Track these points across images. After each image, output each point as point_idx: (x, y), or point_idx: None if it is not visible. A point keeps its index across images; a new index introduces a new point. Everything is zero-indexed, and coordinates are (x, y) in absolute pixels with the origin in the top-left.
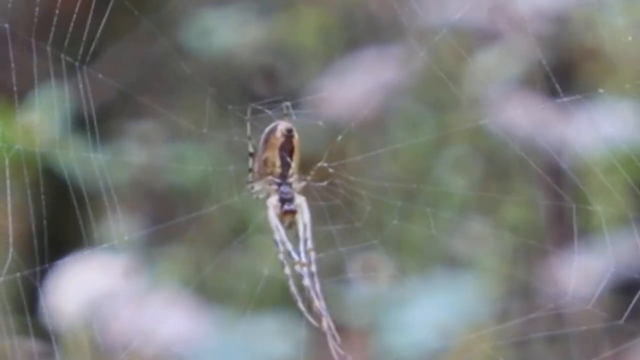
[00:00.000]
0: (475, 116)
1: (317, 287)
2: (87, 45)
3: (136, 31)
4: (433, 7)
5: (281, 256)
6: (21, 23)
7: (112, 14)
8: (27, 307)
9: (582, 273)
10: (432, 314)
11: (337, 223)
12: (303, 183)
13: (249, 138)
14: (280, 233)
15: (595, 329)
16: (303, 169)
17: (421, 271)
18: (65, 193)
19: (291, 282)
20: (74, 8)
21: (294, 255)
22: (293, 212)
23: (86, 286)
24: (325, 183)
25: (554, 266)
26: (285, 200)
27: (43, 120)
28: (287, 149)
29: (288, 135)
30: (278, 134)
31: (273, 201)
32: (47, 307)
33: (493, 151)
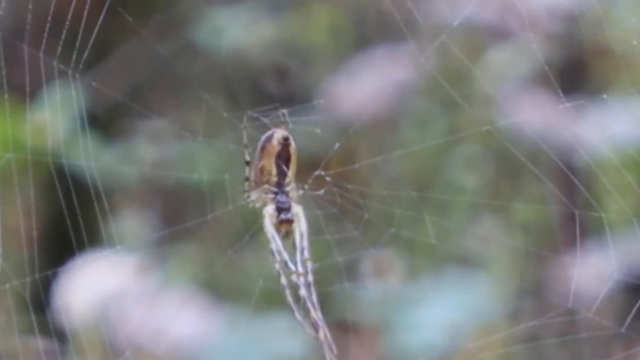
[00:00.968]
0: (486, 115)
1: (314, 298)
2: (98, 44)
3: (147, 29)
4: (445, 6)
5: (277, 266)
6: (31, 22)
7: (123, 12)
8: (39, 307)
9: (593, 272)
10: (443, 314)
11: (335, 232)
12: (300, 192)
13: (245, 146)
14: (276, 242)
15: (606, 329)
16: (305, 176)
17: (432, 270)
18: (76, 192)
19: (287, 293)
20: (85, 7)
21: (291, 265)
22: (290, 221)
23: (97, 285)
24: (322, 192)
25: (565, 265)
26: (281, 209)
27: (53, 119)
28: (284, 157)
29: (284, 143)
30: (274, 142)
31: (269, 210)
32: (59, 307)
33: (504, 150)
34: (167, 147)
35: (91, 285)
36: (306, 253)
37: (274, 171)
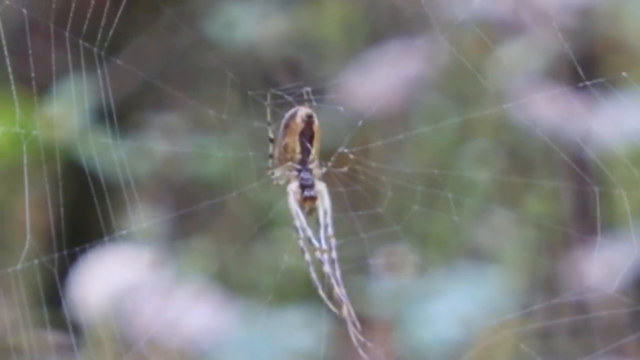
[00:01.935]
0: (499, 109)
1: (338, 274)
2: (110, 36)
3: (159, 23)
4: (457, 0)
5: (301, 242)
6: (43, 14)
7: (135, 6)
8: (52, 300)
9: (606, 264)
10: (456, 307)
11: (358, 210)
12: (323, 169)
13: (269, 124)
14: (300, 219)
15: (619, 320)
16: (323, 156)
17: (445, 263)
18: (88, 185)
19: (311, 269)
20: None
21: (314, 241)
22: (313, 199)
23: (110, 279)
24: (345, 169)
25: (578, 257)
26: (305, 186)
27: (65, 111)
28: (307, 135)
29: (308, 121)
30: (298, 120)
31: (293, 187)
32: (72, 300)
33: (516, 143)
34: (181, 140)
35: (105, 278)
36: (330, 230)
37: (298, 149)
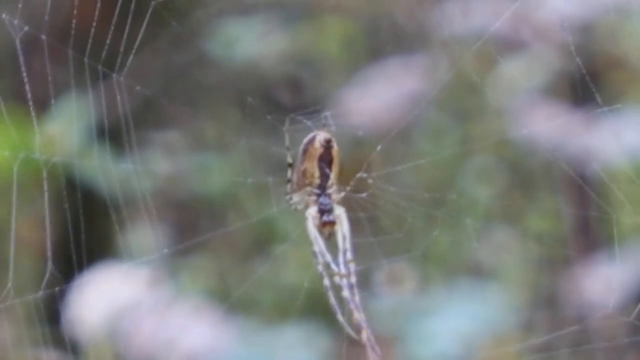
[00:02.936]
0: (500, 126)
1: (357, 299)
2: (111, 54)
3: (160, 41)
4: (458, 17)
5: (320, 267)
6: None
7: (135, 23)
8: (52, 319)
9: (607, 282)
10: (457, 324)
11: (378, 234)
12: (342, 194)
13: (288, 149)
14: (319, 244)
15: (620, 339)
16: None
17: (446, 280)
18: (89, 203)
19: (331, 294)
20: (96, 18)
21: (334, 266)
22: (332, 223)
23: (109, 297)
24: (365, 194)
25: (579, 275)
26: (324, 211)
27: (66, 129)
28: (326, 160)
29: (327, 145)
30: (317, 145)
31: (312, 212)
32: (71, 319)
33: (518, 161)
34: (182, 159)
35: (103, 297)
36: (349, 254)
37: (317, 173)
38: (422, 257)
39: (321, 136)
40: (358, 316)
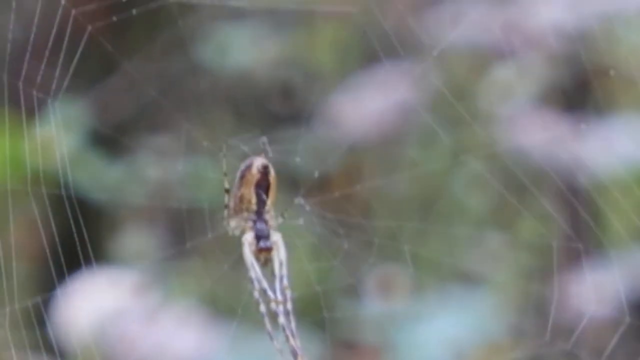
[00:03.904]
0: (490, 134)
1: (293, 325)
2: (103, 60)
3: (152, 48)
4: (449, 24)
5: (256, 294)
6: (37, 38)
7: (128, 30)
8: (39, 324)
9: (597, 290)
10: (447, 331)
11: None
12: (280, 220)
13: (225, 174)
14: (255, 270)
15: (609, 343)
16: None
17: (436, 287)
18: (79, 208)
19: (266, 320)
20: (88, 23)
21: (270, 293)
22: (269, 249)
23: (97, 303)
24: (301, 221)
25: (570, 280)
26: (260, 237)
27: (59, 135)
28: (263, 186)
29: (264, 171)
30: (254, 171)
31: (249, 238)
32: (59, 324)
33: (508, 169)
34: (171, 166)
35: (91, 302)
36: (285, 281)
37: (254, 200)
38: (413, 264)
39: (258, 162)
40: (294, 343)
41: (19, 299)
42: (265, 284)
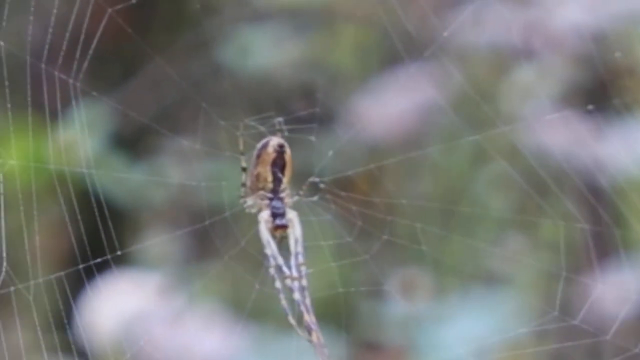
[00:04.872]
0: (512, 135)
1: (307, 301)
2: (125, 63)
3: (174, 50)
4: (471, 26)
5: (272, 270)
6: (56, 43)
7: (150, 33)
8: (62, 326)
9: (621, 291)
10: (469, 332)
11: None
12: (295, 198)
13: (242, 153)
14: (271, 247)
15: (633, 348)
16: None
17: (459, 288)
18: (102, 211)
19: (282, 296)
20: (111, 27)
21: (285, 269)
22: (284, 227)
23: (121, 304)
24: (316, 198)
25: (590, 286)
26: (276, 214)
27: (81, 138)
28: (279, 165)
29: (280, 150)
30: (270, 150)
31: (265, 216)
32: (82, 326)
33: (530, 169)
34: (193, 167)
35: (116, 305)
36: (300, 258)
37: (270, 178)
38: (435, 266)
39: (274, 141)
40: (308, 318)
41: (48, 301)
42: (280, 261)
